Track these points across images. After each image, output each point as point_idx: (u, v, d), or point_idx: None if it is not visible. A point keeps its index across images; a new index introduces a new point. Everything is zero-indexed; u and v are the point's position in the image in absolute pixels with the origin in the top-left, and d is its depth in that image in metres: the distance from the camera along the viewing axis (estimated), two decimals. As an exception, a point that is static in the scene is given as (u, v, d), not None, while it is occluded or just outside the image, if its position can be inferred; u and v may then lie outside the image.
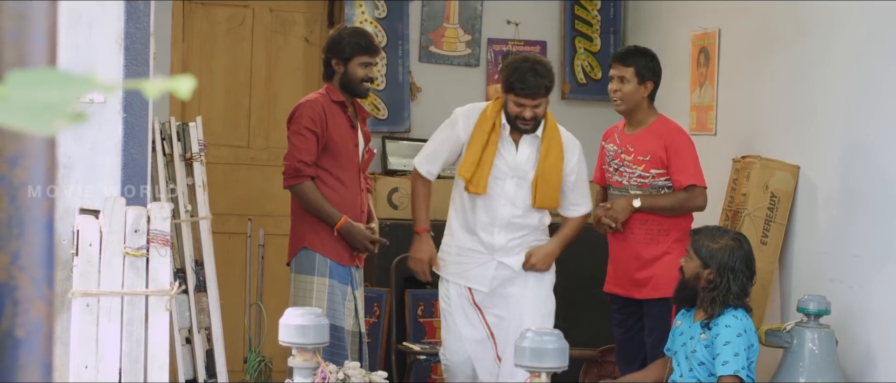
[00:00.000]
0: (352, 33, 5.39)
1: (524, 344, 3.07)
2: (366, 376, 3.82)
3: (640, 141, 5.40)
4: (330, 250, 5.20)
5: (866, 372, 5.06)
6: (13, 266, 1.16)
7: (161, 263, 3.49)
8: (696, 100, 6.51)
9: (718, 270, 4.67)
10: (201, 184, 4.39)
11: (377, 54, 5.39)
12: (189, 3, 7.03)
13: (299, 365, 3.37)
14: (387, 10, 7.11)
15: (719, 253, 4.69)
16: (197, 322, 4.33)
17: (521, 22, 7.29)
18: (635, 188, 5.36)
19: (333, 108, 5.24)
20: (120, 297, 3.42)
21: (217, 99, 7.04)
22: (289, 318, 3.39)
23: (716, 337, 4.63)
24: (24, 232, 1.15)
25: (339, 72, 5.28)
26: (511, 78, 5.05)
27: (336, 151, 5.23)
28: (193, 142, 4.38)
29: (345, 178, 5.26)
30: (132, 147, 3.63)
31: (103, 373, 3.37)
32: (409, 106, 7.15)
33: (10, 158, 1.15)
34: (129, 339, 3.42)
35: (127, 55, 3.59)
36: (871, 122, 5.12)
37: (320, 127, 5.17)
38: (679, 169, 5.35)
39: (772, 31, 5.89)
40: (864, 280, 5.10)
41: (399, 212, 6.80)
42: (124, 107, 3.60)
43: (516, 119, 5.07)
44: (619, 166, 5.42)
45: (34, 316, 1.16)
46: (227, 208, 6.81)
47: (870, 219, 5.10)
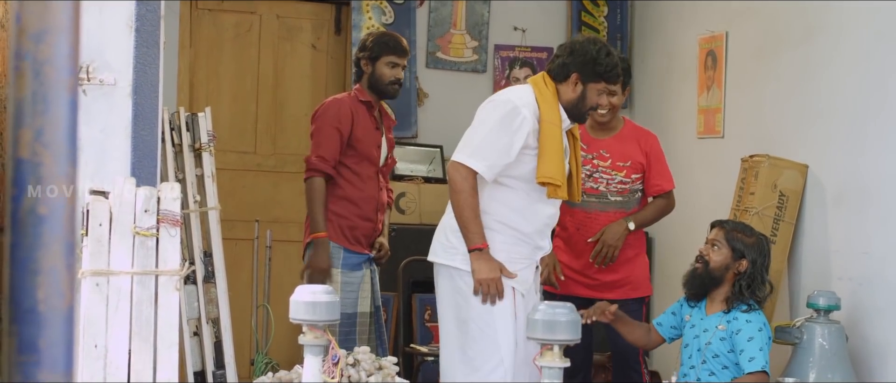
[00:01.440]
0: (380, 34, 5.53)
1: (536, 316, 3.05)
2: (376, 361, 3.80)
3: (616, 146, 5.33)
4: (342, 239, 5.26)
5: (877, 370, 5.03)
6: (37, 142, 1.15)
7: (171, 243, 3.48)
8: (704, 104, 6.51)
9: (752, 263, 4.70)
10: (210, 175, 4.38)
11: (405, 55, 5.44)
12: (197, 9, 7.04)
13: (310, 343, 3.35)
14: (394, 16, 7.12)
15: (752, 247, 4.72)
16: (205, 312, 4.31)
17: (527, 28, 7.30)
18: (615, 194, 5.30)
19: (360, 108, 5.34)
20: (130, 277, 3.41)
21: (224, 105, 7.04)
22: (300, 295, 3.37)
23: (737, 332, 4.63)
24: (47, 109, 1.14)
25: (368, 72, 5.39)
26: (602, 63, 4.50)
27: (359, 149, 5.30)
28: (202, 133, 4.37)
29: (364, 176, 5.33)
30: (142, 129, 3.62)
31: (112, 353, 3.36)
32: (416, 111, 7.15)
33: (34, 35, 1.15)
34: (138, 319, 3.40)
35: (137, 37, 3.59)
36: (880, 121, 5.11)
37: (344, 125, 5.26)
38: (659, 174, 5.34)
39: (779, 32, 5.89)
40: (874, 277, 5.08)
41: (406, 216, 6.79)
42: (134, 90, 3.60)
43: (593, 109, 4.66)
44: (592, 172, 5.31)
45: (57, 193, 1.15)
46: (234, 214, 6.79)
47: (879, 216, 5.08)
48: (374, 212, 5.36)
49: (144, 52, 3.59)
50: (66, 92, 1.15)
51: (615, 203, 5.30)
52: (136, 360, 3.38)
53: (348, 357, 3.76)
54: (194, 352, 4.37)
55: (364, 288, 5.32)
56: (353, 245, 5.29)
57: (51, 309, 1.14)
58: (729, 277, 4.73)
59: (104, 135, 3.58)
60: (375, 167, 5.38)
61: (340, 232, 5.27)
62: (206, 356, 4.34)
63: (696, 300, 4.84)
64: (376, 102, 5.42)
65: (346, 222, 5.28)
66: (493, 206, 4.50)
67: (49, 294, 1.14)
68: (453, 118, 7.22)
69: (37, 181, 1.14)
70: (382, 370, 3.81)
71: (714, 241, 4.77)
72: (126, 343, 3.38)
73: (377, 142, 5.39)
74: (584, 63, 4.49)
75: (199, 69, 7.06)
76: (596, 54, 4.50)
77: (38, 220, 1.14)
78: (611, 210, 5.29)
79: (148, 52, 3.61)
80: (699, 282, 4.79)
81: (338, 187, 5.31)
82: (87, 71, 3.50)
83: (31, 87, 1.14)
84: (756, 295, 4.71)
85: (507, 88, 4.80)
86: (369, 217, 5.34)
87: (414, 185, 6.89)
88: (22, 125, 1.14)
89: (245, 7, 7.14)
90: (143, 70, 3.60)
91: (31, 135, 1.15)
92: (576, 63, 4.50)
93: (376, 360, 3.83)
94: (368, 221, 5.34)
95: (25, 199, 1.14)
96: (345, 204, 5.31)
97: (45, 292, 1.14)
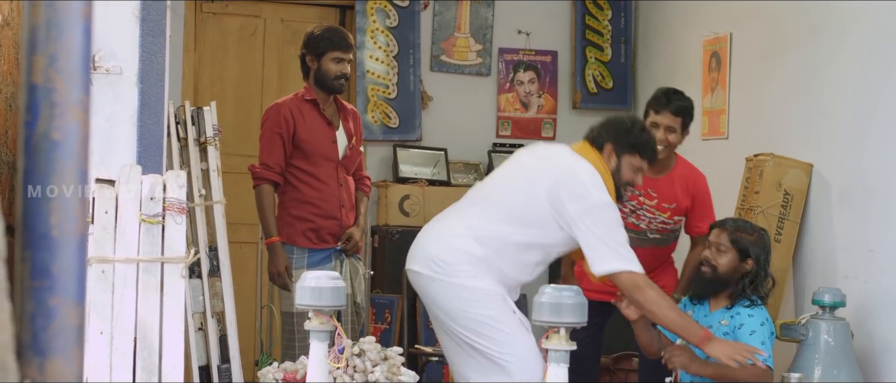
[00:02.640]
0: (324, 30, 5.46)
1: (543, 299, 3.05)
2: (382, 352, 3.80)
3: (665, 188, 5.21)
4: (305, 241, 5.30)
5: (883, 367, 5.02)
6: (50, 68, 1.15)
7: (176, 231, 3.48)
8: (708, 105, 6.52)
9: (756, 260, 4.69)
10: (215, 169, 4.37)
11: (349, 50, 5.39)
12: (201, 12, 7.05)
13: (316, 328, 3.34)
14: (398, 19, 7.13)
15: (755, 245, 4.71)
16: (210, 306, 4.30)
17: (531, 31, 7.32)
18: (655, 233, 5.23)
19: (304, 107, 5.34)
20: (135, 264, 3.41)
21: (228, 108, 7.05)
22: (305, 281, 3.37)
23: (740, 327, 4.62)
24: (61, 34, 1.15)
25: (313, 68, 5.36)
26: (641, 139, 4.41)
27: (308, 149, 5.31)
28: (208, 127, 4.37)
29: (320, 174, 5.33)
30: (148, 118, 3.63)
31: (118, 340, 3.35)
32: (420, 114, 7.16)
33: (48, -38, 1.15)
34: (144, 306, 3.40)
35: (143, 26, 3.59)
36: (884, 119, 5.11)
37: (285, 129, 5.28)
38: (702, 217, 5.24)
39: (783, 32, 5.90)
40: (880, 275, 5.08)
41: (410, 218, 6.80)
42: (140, 79, 3.60)
43: (626, 186, 4.48)
44: (637, 209, 5.21)
45: (70, 119, 1.15)
46: (237, 217, 6.78)
47: (884, 214, 5.08)
48: (338, 209, 5.34)
49: (150, 42, 3.60)
50: (80, 18, 1.15)
51: (652, 240, 5.24)
52: (142, 348, 3.38)
53: (354, 347, 3.76)
54: (199, 347, 4.36)
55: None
56: (317, 244, 5.31)
57: (63, 235, 1.14)
58: (739, 276, 4.72)
59: (110, 125, 3.58)
60: (334, 162, 5.36)
61: (302, 235, 5.29)
62: (212, 350, 4.33)
63: (700, 301, 4.84)
64: (326, 99, 5.39)
65: (307, 225, 5.30)
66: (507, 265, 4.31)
67: (62, 219, 1.14)
68: (457, 121, 7.24)
69: (50, 107, 1.14)
70: (388, 360, 3.80)
71: (718, 245, 4.75)
72: (132, 330, 3.38)
73: (330, 138, 5.36)
74: (629, 139, 4.37)
75: (204, 72, 7.07)
76: (638, 130, 4.40)
77: (52, 146, 1.14)
78: (647, 246, 5.17)
79: (154, 41, 3.61)
80: (709, 287, 4.77)
81: (294, 190, 5.33)
82: (93, 60, 3.50)
83: (44, 14, 1.14)
84: (759, 291, 4.70)
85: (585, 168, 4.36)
86: (332, 214, 5.33)
87: (418, 188, 6.90)
88: (36, 51, 1.14)
89: (249, 10, 7.15)
90: (149, 59, 3.61)
91: (45, 62, 1.15)
92: (622, 138, 4.37)
93: (382, 351, 3.82)
94: (332, 219, 5.33)
95: (39, 125, 1.14)
96: (303, 206, 5.31)
97: (58, 218, 1.14)
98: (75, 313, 1.14)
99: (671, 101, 5.12)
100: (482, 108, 7.35)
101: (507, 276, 4.30)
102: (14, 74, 3.45)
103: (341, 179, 5.38)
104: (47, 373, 1.12)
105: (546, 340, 3.06)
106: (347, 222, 5.37)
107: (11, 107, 3.48)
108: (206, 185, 4.43)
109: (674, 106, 5.10)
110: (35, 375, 1.12)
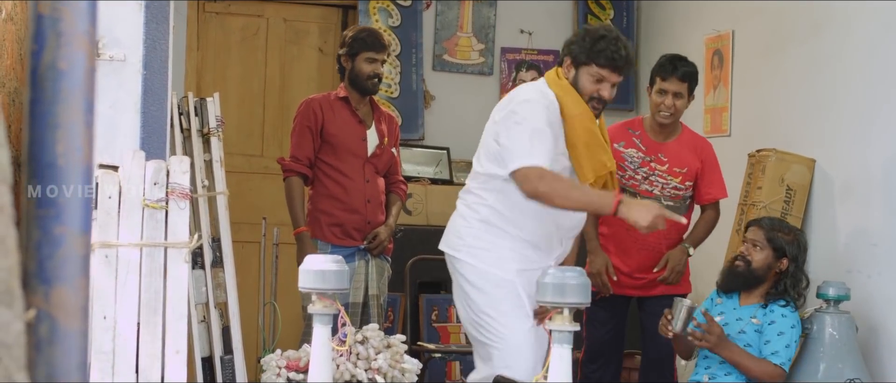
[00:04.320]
0: (358, 30, 5.55)
1: (546, 280, 3.04)
2: (385, 339, 3.80)
3: (675, 151, 5.30)
4: (330, 236, 5.33)
5: (887, 361, 5.01)
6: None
7: (180, 216, 3.48)
8: (710, 103, 6.52)
9: (794, 260, 4.73)
10: (218, 160, 4.36)
11: (382, 51, 5.45)
12: (204, 12, 7.06)
13: (319, 312, 3.34)
14: (401, 18, 7.14)
15: (792, 244, 4.76)
16: (213, 298, 4.29)
17: (534, 31, 7.33)
18: (668, 199, 5.27)
19: (336, 104, 5.41)
20: (139, 249, 3.41)
21: (231, 108, 7.05)
22: (309, 264, 3.37)
23: (770, 323, 4.68)
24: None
25: (348, 68, 5.44)
26: (597, 45, 4.15)
27: (335, 143, 5.36)
28: (211, 118, 4.36)
29: (346, 169, 5.37)
30: (151, 104, 3.63)
31: (122, 324, 3.35)
32: (422, 114, 7.17)
33: None
34: (147, 290, 3.40)
35: (147, 13, 3.60)
36: (886, 114, 5.11)
37: (313, 122, 5.35)
38: (712, 182, 5.35)
39: (786, 29, 5.90)
40: (883, 269, 5.08)
41: (413, 217, 6.79)
42: (144, 66, 3.61)
43: (591, 99, 4.22)
44: (649, 175, 5.29)
45: (77, 49, 1.15)
46: (240, 217, 6.79)
47: (887, 208, 5.08)
48: (362, 204, 5.37)
49: (154, 29, 3.60)
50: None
51: (667, 208, 5.25)
52: (145, 332, 3.38)
53: (357, 334, 3.76)
54: (202, 338, 4.35)
55: (356, 280, 5.32)
56: (341, 239, 5.33)
57: (70, 164, 1.14)
58: (770, 276, 4.76)
59: (114, 111, 3.58)
60: (361, 159, 5.40)
61: (327, 229, 5.33)
62: (214, 341, 4.33)
63: (728, 293, 4.87)
64: (360, 99, 5.44)
65: (332, 219, 5.34)
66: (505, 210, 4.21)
67: (68, 148, 1.14)
68: (460, 120, 7.24)
69: (57, 36, 1.14)
70: (391, 348, 3.80)
71: (754, 241, 4.79)
72: (135, 315, 3.38)
73: (360, 135, 5.41)
74: (586, 47, 4.16)
75: (207, 72, 7.08)
76: (596, 39, 4.16)
77: (58, 75, 1.14)
78: None
79: (157, 28, 3.62)
80: (741, 281, 4.80)
81: (321, 185, 5.40)
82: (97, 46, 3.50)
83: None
84: (797, 291, 4.76)
85: (520, 88, 4.39)
86: (356, 209, 5.35)
87: (421, 187, 6.90)
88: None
89: (252, 10, 7.16)
90: (153, 46, 3.61)
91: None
92: (578, 47, 4.20)
93: (385, 338, 3.82)
94: (355, 213, 5.36)
95: (45, 53, 1.14)
96: (329, 201, 5.36)
97: (65, 146, 1.14)
98: (81, 242, 1.14)
99: (677, 68, 5.21)
100: (485, 108, 7.24)
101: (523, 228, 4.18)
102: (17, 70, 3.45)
103: (368, 176, 5.43)
104: (52, 301, 1.11)
105: (549, 321, 3.05)
106: (373, 219, 5.40)
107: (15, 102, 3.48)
108: (209, 176, 4.43)
109: (680, 72, 5.20)
110: (40, 303, 1.12)
